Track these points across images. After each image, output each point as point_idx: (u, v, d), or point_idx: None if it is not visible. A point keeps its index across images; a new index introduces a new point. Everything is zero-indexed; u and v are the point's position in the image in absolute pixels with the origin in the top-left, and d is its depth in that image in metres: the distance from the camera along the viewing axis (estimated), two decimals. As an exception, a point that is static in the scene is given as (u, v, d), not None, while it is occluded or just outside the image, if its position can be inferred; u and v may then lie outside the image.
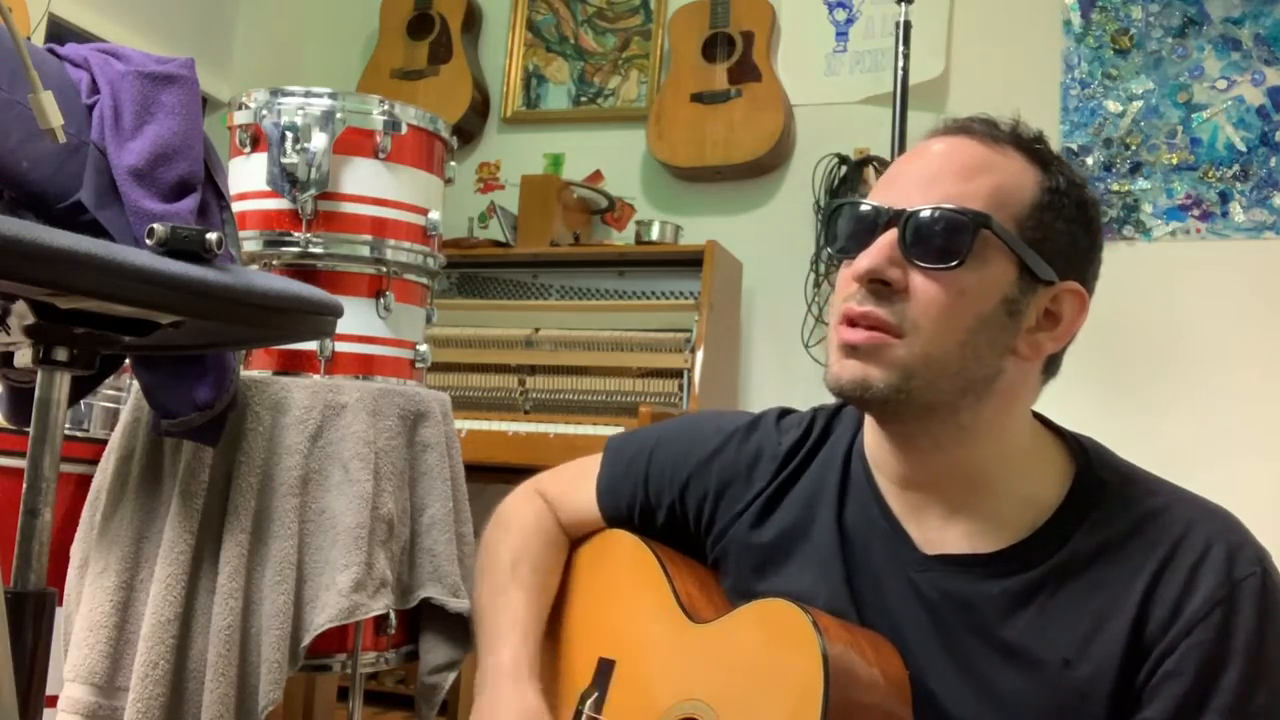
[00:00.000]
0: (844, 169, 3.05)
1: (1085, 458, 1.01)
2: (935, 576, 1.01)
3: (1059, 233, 0.96)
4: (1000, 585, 0.98)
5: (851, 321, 0.96)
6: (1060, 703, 0.94)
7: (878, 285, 0.95)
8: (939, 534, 1.02)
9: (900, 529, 1.04)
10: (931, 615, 1.00)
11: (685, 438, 1.21)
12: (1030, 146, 0.99)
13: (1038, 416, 1.05)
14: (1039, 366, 1.00)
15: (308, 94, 1.70)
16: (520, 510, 1.28)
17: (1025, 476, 1.00)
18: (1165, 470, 1.02)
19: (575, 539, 1.29)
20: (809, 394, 1.03)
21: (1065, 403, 1.11)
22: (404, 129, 1.74)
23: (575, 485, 1.27)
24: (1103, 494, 0.98)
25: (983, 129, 1.00)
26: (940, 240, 0.93)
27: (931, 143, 1.01)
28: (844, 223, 1.00)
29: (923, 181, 0.97)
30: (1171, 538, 0.94)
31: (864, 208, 0.98)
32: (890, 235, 0.95)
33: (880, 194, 1.00)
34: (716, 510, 1.16)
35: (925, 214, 0.94)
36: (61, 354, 1.12)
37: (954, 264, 0.93)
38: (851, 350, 0.96)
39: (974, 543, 1.00)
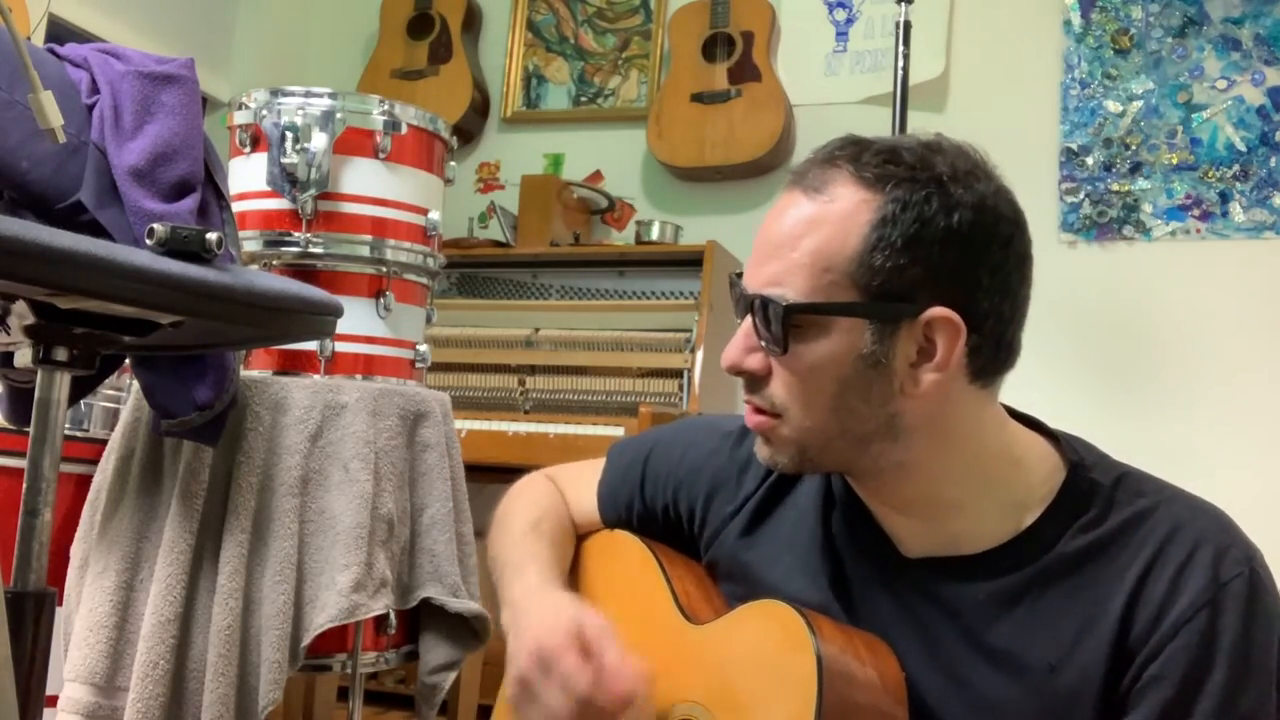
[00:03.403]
0: (844, 169, 3.04)
1: (1078, 458, 0.99)
2: (919, 580, 1.00)
3: (903, 265, 0.90)
4: (985, 588, 0.97)
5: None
6: (1047, 709, 0.93)
7: (744, 375, 0.97)
8: (921, 538, 1.01)
9: (883, 534, 1.03)
10: (917, 621, 0.99)
11: (680, 442, 1.21)
12: (865, 171, 0.92)
13: (1027, 419, 1.03)
14: (957, 385, 0.94)
15: (308, 94, 1.70)
16: (536, 487, 1.29)
17: (1003, 484, 0.98)
18: (1163, 470, 1.01)
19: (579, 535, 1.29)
20: (808, 394, 1.02)
21: (1065, 402, 1.10)
22: (404, 129, 1.74)
23: (579, 485, 1.28)
24: (1093, 495, 0.97)
25: (814, 175, 0.95)
26: (769, 327, 0.93)
27: (778, 200, 0.97)
28: (734, 294, 1.00)
29: (760, 257, 0.96)
30: (1158, 539, 0.93)
31: (736, 285, 0.98)
32: (747, 322, 0.96)
33: (749, 260, 0.98)
34: (708, 514, 1.16)
35: (756, 302, 0.94)
36: (61, 354, 1.12)
37: (781, 352, 0.93)
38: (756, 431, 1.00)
39: (958, 545, 0.98)
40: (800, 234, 0.93)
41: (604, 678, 0.97)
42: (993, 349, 0.94)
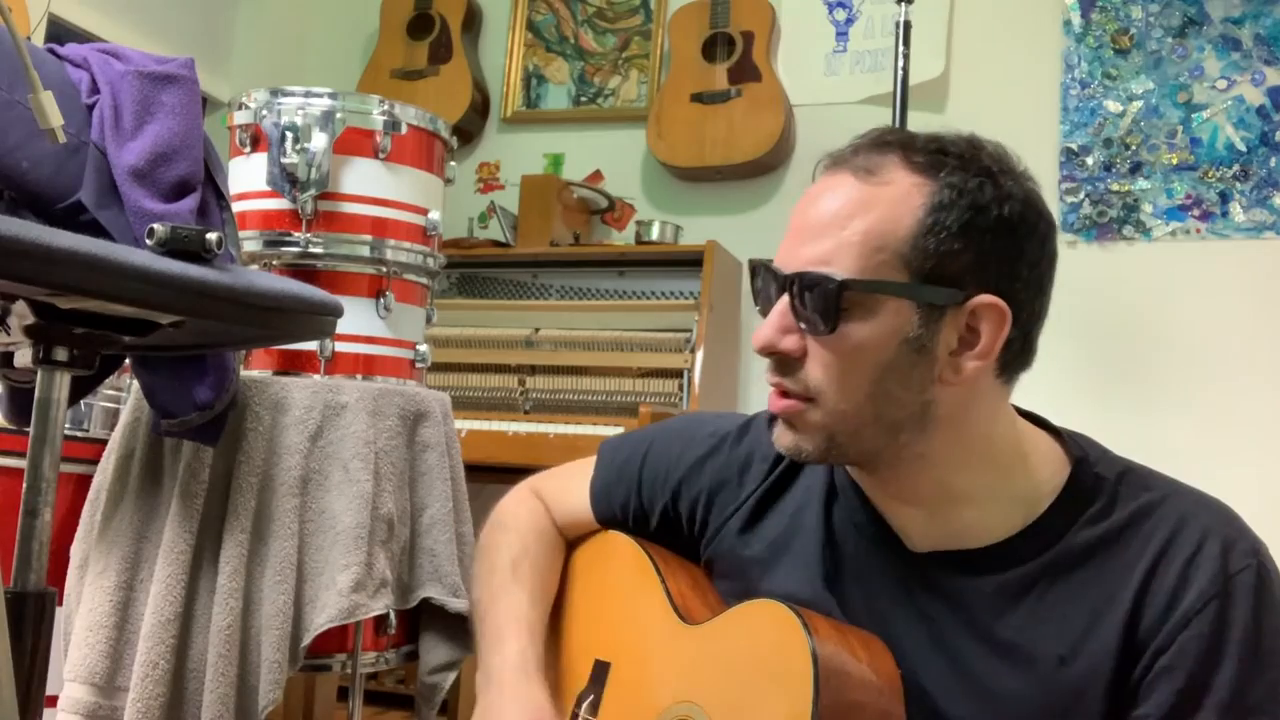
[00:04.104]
0: (844, 169, 3.04)
1: (1082, 453, 1.00)
2: (925, 574, 1.00)
3: (955, 250, 0.91)
4: (993, 581, 0.97)
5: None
6: (1055, 701, 0.93)
7: (777, 357, 0.96)
8: (928, 531, 1.01)
9: (888, 529, 1.03)
10: (923, 614, 1.00)
11: (678, 441, 1.21)
12: (917, 156, 0.94)
13: (1031, 416, 1.04)
14: (986, 378, 0.95)
15: (308, 94, 1.70)
16: (517, 511, 1.28)
17: (1011, 478, 0.98)
18: (1162, 469, 1.02)
19: (572, 540, 1.29)
20: (808, 394, 1.02)
21: (1065, 402, 1.10)
22: (404, 129, 1.74)
23: (569, 487, 1.27)
24: (1099, 489, 0.98)
25: (863, 158, 0.95)
26: (814, 306, 0.92)
27: (819, 183, 0.98)
28: (757, 282, 0.99)
29: (803, 236, 0.95)
30: (1166, 532, 0.94)
31: (765, 270, 0.98)
32: (783, 303, 0.95)
33: (783, 243, 0.98)
34: (709, 513, 1.16)
35: (797, 281, 0.93)
36: (61, 354, 1.13)
37: (827, 331, 0.92)
38: (779, 418, 0.98)
39: (964, 538, 0.99)
40: (851, 213, 0.93)
41: None
42: (1020, 344, 0.96)
